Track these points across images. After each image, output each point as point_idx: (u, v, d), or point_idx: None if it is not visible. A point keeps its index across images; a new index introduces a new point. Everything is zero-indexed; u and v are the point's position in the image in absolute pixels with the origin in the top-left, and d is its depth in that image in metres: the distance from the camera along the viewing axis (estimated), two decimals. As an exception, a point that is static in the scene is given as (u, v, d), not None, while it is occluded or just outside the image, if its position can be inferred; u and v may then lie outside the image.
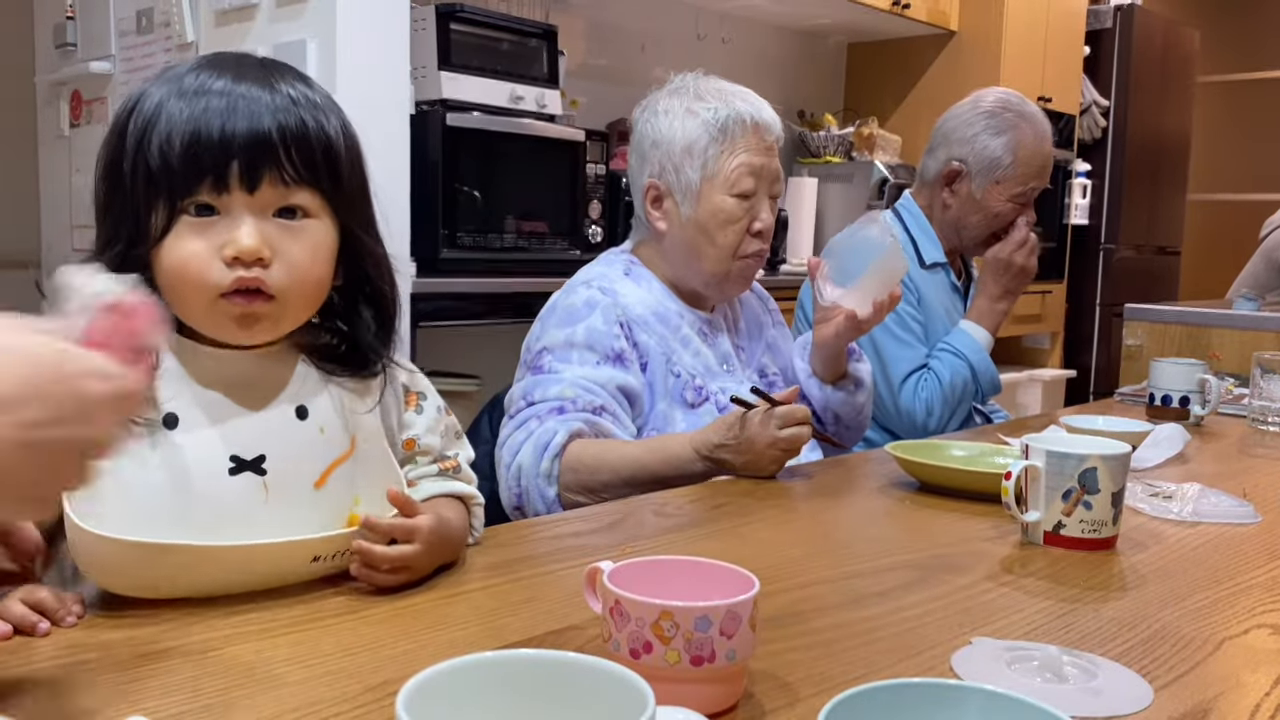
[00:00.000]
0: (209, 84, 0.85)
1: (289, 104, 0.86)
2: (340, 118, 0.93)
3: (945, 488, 1.31)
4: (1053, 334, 4.89)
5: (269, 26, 2.48)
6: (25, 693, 0.68)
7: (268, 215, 0.86)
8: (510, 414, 1.45)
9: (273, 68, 0.91)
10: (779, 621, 0.84)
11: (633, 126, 1.62)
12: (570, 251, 2.95)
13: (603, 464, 1.37)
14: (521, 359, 1.54)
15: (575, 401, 1.41)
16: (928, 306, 2.03)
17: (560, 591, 0.91)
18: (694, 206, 1.53)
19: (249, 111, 0.84)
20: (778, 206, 1.61)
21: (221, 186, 0.84)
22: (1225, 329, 2.84)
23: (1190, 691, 0.74)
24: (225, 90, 0.85)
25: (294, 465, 0.89)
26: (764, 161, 1.54)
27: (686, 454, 1.37)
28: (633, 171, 1.62)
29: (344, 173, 0.90)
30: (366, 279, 0.94)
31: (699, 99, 1.55)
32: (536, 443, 1.38)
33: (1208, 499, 1.28)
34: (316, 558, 0.88)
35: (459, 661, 0.53)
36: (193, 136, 0.83)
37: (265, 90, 0.86)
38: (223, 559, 0.84)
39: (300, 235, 0.87)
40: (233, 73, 0.87)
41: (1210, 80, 6.22)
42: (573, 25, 3.65)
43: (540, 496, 1.37)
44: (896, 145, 4.39)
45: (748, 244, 1.55)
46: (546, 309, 1.56)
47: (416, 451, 1.01)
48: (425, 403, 1.03)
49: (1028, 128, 2.02)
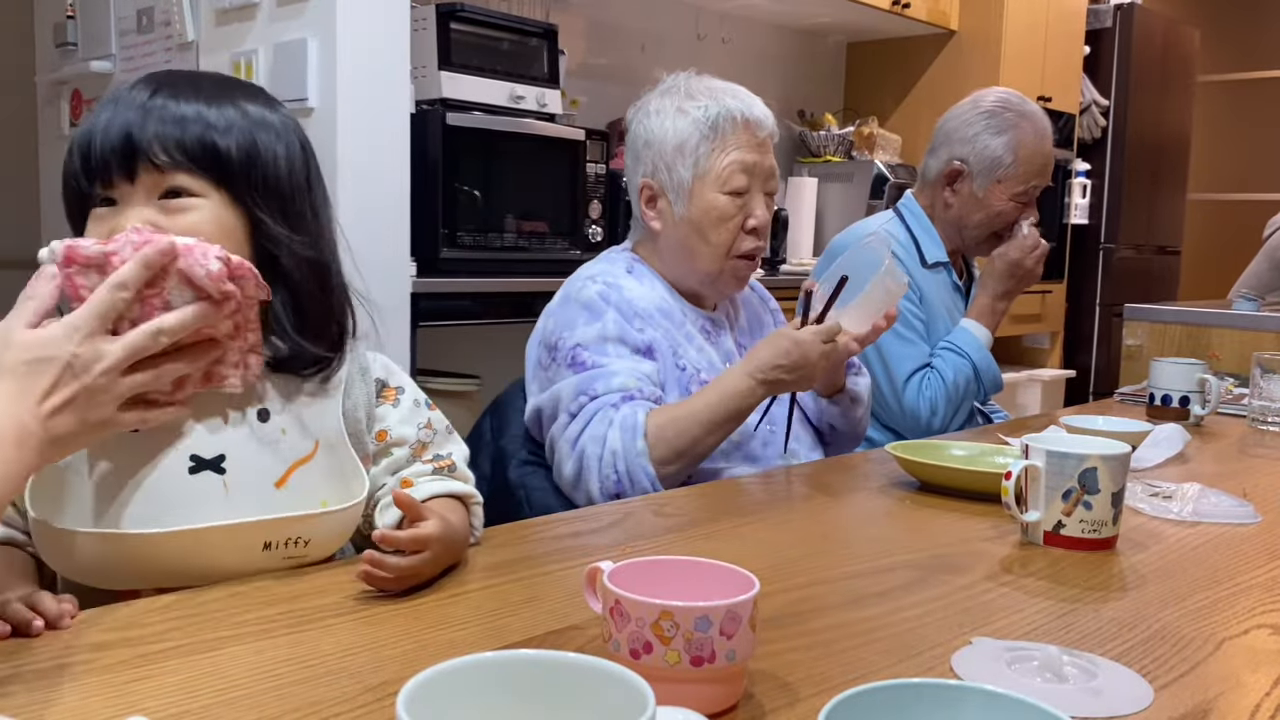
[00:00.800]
0: (116, 95, 0.93)
1: (171, 102, 0.92)
2: (252, 108, 0.96)
3: (945, 488, 1.31)
4: (1052, 334, 4.89)
5: (269, 26, 2.48)
6: (25, 693, 0.68)
7: (152, 199, 0.91)
8: (569, 410, 1.45)
9: (191, 78, 0.96)
10: (779, 621, 0.84)
11: (627, 127, 1.63)
12: (570, 251, 2.95)
13: (683, 422, 1.41)
14: (541, 356, 1.53)
15: (641, 391, 1.44)
16: (929, 305, 2.03)
17: (560, 591, 0.91)
18: (687, 205, 1.53)
19: (126, 117, 0.91)
20: (774, 204, 1.61)
21: (106, 179, 0.91)
22: (1225, 329, 2.84)
23: (1190, 691, 0.74)
24: (118, 99, 0.93)
25: (254, 465, 0.93)
26: (756, 158, 1.54)
27: (745, 384, 1.42)
28: (628, 172, 1.62)
29: (232, 154, 0.93)
30: (273, 262, 0.95)
31: (690, 98, 1.55)
32: (623, 426, 1.40)
33: (1208, 499, 1.28)
34: (267, 544, 0.92)
35: (459, 661, 0.53)
36: (88, 137, 0.91)
37: (151, 93, 0.92)
38: (174, 544, 0.89)
39: (183, 213, 0.91)
40: (143, 85, 0.94)
41: (1210, 80, 6.22)
42: (573, 25, 3.65)
43: (644, 473, 1.39)
44: (896, 145, 4.39)
45: (742, 241, 1.55)
46: (557, 303, 1.55)
47: (390, 443, 1.03)
48: (402, 396, 1.06)
49: (1029, 126, 2.02)
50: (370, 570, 0.87)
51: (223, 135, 0.93)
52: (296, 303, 0.96)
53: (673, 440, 1.40)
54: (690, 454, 1.41)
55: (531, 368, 1.56)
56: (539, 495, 1.50)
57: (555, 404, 1.47)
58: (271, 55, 2.45)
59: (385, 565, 0.87)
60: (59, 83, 3.17)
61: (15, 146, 3.28)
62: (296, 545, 0.93)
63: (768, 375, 1.42)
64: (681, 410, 1.42)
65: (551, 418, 1.48)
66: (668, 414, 1.42)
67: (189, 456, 0.91)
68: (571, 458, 1.43)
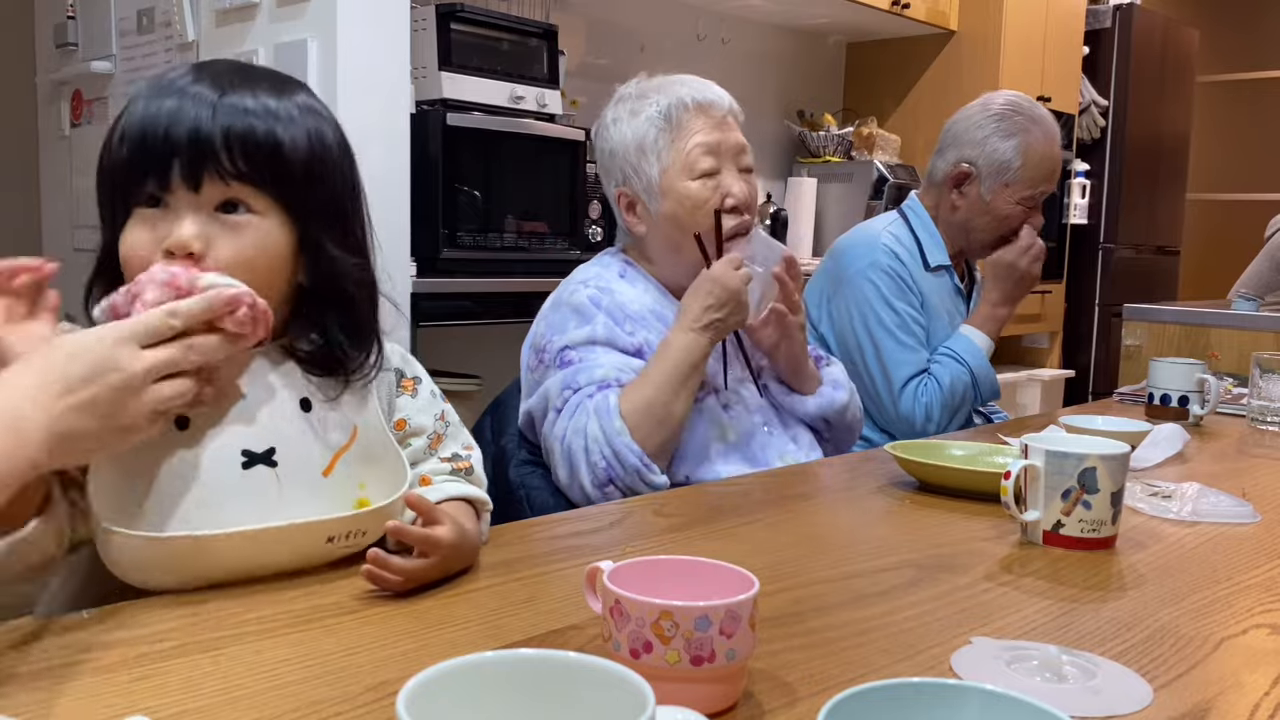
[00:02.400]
0: (177, 84, 0.89)
1: (241, 107, 0.88)
2: (316, 125, 0.93)
3: (945, 487, 1.31)
4: (1052, 334, 4.89)
5: (269, 26, 2.48)
6: (25, 692, 0.69)
7: (209, 210, 0.88)
8: (555, 407, 1.45)
9: (250, 74, 0.92)
10: (779, 621, 0.84)
11: (594, 145, 1.63)
12: (570, 251, 2.95)
13: (648, 392, 1.41)
14: (531, 359, 1.54)
15: (619, 380, 1.44)
16: (930, 309, 2.03)
17: (560, 591, 0.91)
18: (661, 201, 1.53)
19: (195, 114, 0.87)
20: (755, 180, 1.61)
21: (165, 182, 0.87)
22: (1224, 329, 2.84)
23: (1189, 691, 0.74)
24: (183, 90, 0.88)
25: (303, 455, 0.92)
26: (719, 137, 1.54)
27: (687, 338, 1.44)
28: (604, 186, 1.63)
29: (297, 174, 0.91)
30: (330, 282, 0.95)
31: (641, 98, 1.56)
32: (599, 411, 1.40)
33: (1207, 498, 1.28)
34: (331, 538, 0.91)
35: (459, 661, 0.53)
36: (142, 133, 0.87)
37: (222, 92, 0.88)
38: (243, 545, 0.88)
39: (240, 231, 0.89)
40: (208, 77, 0.89)
41: (1210, 80, 6.22)
42: (573, 25, 3.65)
43: (629, 450, 1.38)
44: (896, 145, 4.39)
45: (726, 221, 1.53)
46: (550, 306, 1.56)
47: (408, 432, 1.03)
48: (420, 386, 1.06)
49: (1038, 131, 2.02)
50: (375, 571, 0.86)
51: (291, 152, 0.90)
52: (346, 319, 0.96)
53: (645, 411, 1.40)
54: (667, 421, 1.41)
55: (523, 370, 1.57)
56: (539, 495, 1.50)
57: (544, 403, 1.48)
58: (272, 55, 2.45)
59: (391, 566, 0.87)
60: (59, 83, 3.17)
61: (15, 146, 3.28)
62: (355, 537, 0.93)
63: (703, 319, 1.44)
64: (643, 383, 1.42)
65: (542, 417, 1.48)
66: (633, 390, 1.42)
67: (240, 451, 0.89)
68: (561, 454, 1.44)
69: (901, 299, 1.97)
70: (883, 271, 1.97)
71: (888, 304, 1.96)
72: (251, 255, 0.89)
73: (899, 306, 1.97)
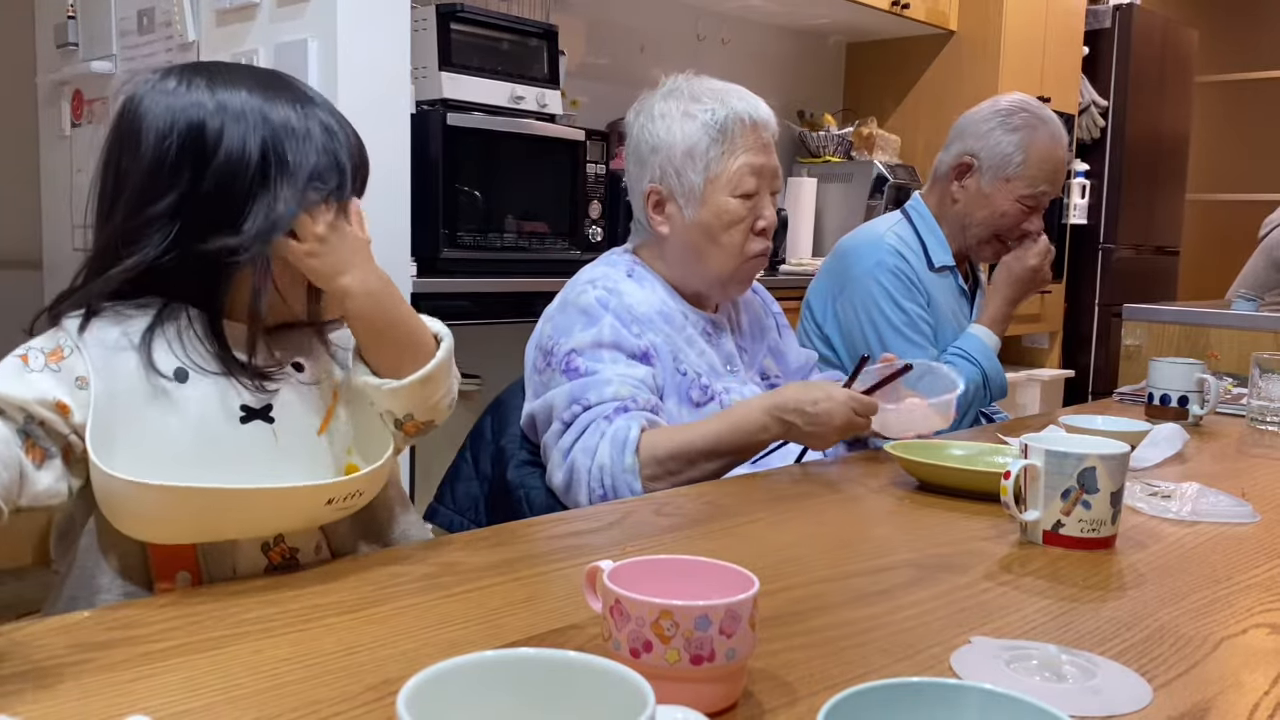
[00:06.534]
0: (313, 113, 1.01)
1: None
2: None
3: (945, 487, 1.31)
4: (1051, 334, 4.89)
5: (270, 26, 2.48)
6: (26, 692, 0.69)
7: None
8: (563, 419, 1.44)
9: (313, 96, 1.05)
10: (779, 621, 0.85)
11: (627, 131, 1.62)
12: (570, 251, 2.95)
13: (683, 445, 1.39)
14: (537, 360, 1.53)
15: (635, 400, 1.42)
16: (937, 310, 2.03)
17: (560, 591, 0.91)
18: (698, 209, 1.53)
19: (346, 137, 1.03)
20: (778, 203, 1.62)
21: (343, 193, 1.01)
22: (1224, 329, 2.84)
23: (1189, 691, 0.74)
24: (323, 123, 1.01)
25: (299, 413, 0.98)
26: (764, 160, 1.54)
27: (760, 419, 1.40)
28: (631, 177, 1.61)
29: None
30: None
31: (695, 100, 1.54)
32: (614, 440, 1.38)
33: (1206, 498, 1.28)
34: (330, 500, 0.95)
35: (459, 661, 0.53)
36: (325, 155, 0.99)
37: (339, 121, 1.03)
38: (247, 502, 0.91)
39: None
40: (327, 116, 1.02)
41: (1209, 80, 6.22)
42: (573, 25, 3.65)
43: (629, 490, 1.38)
44: (896, 145, 4.39)
45: (752, 243, 1.55)
46: (556, 308, 1.55)
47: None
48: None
49: (1044, 130, 2.02)
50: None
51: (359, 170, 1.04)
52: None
53: (665, 461, 1.38)
54: (682, 476, 1.39)
55: (528, 371, 1.56)
56: (539, 495, 1.50)
57: (549, 411, 1.47)
58: (272, 55, 2.45)
59: (302, 224, 0.96)
60: (60, 83, 3.17)
61: (15, 146, 3.28)
62: (353, 498, 0.97)
63: (786, 414, 1.40)
64: (685, 434, 1.41)
65: (546, 423, 1.48)
66: (668, 435, 1.40)
67: (239, 406, 0.94)
68: (563, 467, 1.43)
69: (908, 298, 1.97)
70: (889, 271, 1.97)
71: (895, 303, 1.96)
72: None
73: (906, 306, 1.96)
